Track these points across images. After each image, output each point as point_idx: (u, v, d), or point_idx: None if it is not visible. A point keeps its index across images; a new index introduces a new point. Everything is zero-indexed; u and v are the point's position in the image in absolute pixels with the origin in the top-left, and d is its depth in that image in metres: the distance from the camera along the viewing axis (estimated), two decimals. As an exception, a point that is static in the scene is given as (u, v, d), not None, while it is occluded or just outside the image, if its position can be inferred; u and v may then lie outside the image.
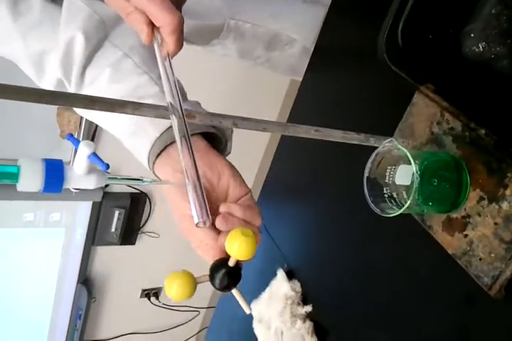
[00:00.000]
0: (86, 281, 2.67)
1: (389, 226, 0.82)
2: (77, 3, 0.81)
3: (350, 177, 0.91)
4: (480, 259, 0.64)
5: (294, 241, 1.08)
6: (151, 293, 2.91)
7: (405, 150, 0.63)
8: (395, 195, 0.68)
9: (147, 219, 2.61)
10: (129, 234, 2.57)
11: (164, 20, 0.61)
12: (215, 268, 0.63)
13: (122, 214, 2.44)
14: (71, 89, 0.83)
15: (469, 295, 0.67)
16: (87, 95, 0.53)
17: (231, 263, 0.61)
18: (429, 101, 0.73)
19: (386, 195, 0.68)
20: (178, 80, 0.71)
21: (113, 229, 2.47)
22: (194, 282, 0.63)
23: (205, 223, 0.54)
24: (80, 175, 0.47)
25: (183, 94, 0.80)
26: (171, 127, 0.70)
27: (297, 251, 1.06)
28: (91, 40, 0.80)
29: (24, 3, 0.81)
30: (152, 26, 0.63)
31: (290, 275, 1.05)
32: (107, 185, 2.38)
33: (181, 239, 2.69)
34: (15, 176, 0.42)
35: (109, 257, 2.68)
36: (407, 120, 0.77)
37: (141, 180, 0.53)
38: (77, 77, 0.81)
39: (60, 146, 2.20)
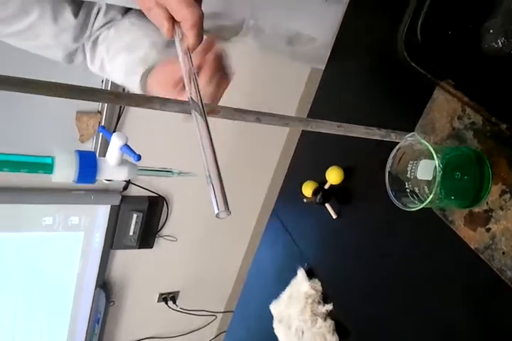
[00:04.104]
0: (104, 285, 2.68)
1: (410, 223, 0.82)
2: None
3: (370, 173, 0.91)
4: (503, 253, 0.65)
5: (313, 240, 1.08)
6: (169, 297, 2.92)
7: (428, 144, 0.63)
8: (416, 190, 0.68)
9: (165, 222, 2.62)
10: (146, 238, 2.58)
11: (184, 15, 0.63)
12: (315, 191, 0.97)
13: (140, 218, 2.45)
14: (87, 47, 0.99)
15: (492, 290, 0.67)
16: (113, 91, 0.54)
17: (326, 186, 0.96)
18: (449, 97, 0.73)
19: (408, 190, 0.68)
20: None
21: (131, 233, 2.49)
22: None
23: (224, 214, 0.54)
24: (112, 166, 0.48)
25: None
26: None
27: (317, 250, 1.06)
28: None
29: (62, 19, 0.92)
30: (173, 21, 0.66)
31: (310, 274, 1.05)
32: (125, 189, 2.40)
33: (199, 242, 2.73)
34: (49, 167, 0.43)
35: (127, 261, 2.69)
36: (427, 115, 0.77)
37: (171, 171, 0.54)
38: (93, 40, 0.98)
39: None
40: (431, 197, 0.63)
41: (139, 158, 0.47)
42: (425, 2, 0.80)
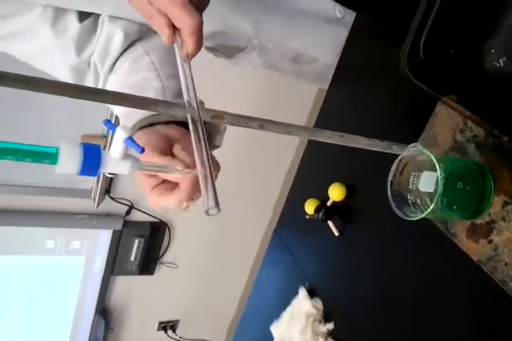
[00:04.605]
0: (104, 312, 2.66)
1: (413, 240, 0.82)
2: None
3: (373, 189, 0.91)
4: (506, 264, 0.64)
5: (315, 258, 1.07)
6: (168, 326, 2.88)
7: (430, 154, 0.63)
8: (418, 202, 0.68)
9: (166, 249, 2.61)
10: (147, 264, 2.57)
11: (184, 22, 0.65)
12: (317, 208, 0.97)
13: (142, 244, 2.45)
14: (102, 73, 0.96)
15: (495, 301, 0.67)
16: (119, 92, 0.55)
17: (329, 203, 0.97)
18: (451, 111, 0.74)
19: (410, 201, 0.68)
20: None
21: (132, 259, 2.48)
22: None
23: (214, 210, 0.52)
24: (115, 159, 0.49)
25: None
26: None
27: (319, 268, 1.06)
28: (128, 38, 0.93)
29: (62, 23, 0.91)
30: (173, 28, 0.67)
31: (312, 293, 1.04)
32: (128, 213, 2.40)
33: (200, 270, 2.71)
34: (54, 157, 0.44)
35: (127, 287, 2.67)
36: (430, 130, 0.78)
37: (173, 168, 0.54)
38: (108, 66, 0.94)
39: (82, 174, 2.23)
40: (432, 206, 0.63)
41: (143, 150, 0.48)
42: (427, 21, 0.82)
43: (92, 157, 0.46)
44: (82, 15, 0.92)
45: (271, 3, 0.97)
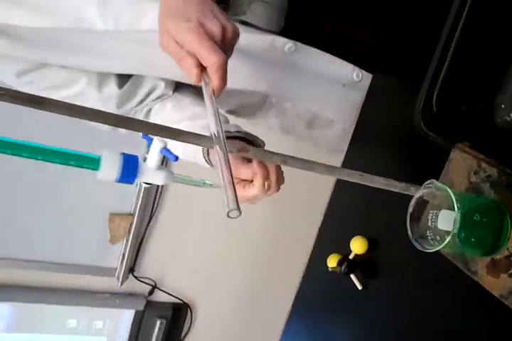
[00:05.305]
0: None
1: (439, 293, 0.83)
2: None
3: (394, 242, 0.93)
4: (527, 296, 0.65)
5: (338, 315, 1.07)
6: None
7: (446, 188, 0.66)
8: (438, 238, 0.70)
9: (188, 331, 2.56)
10: (169, 348, 2.51)
11: (211, 59, 0.73)
12: (340, 261, 0.99)
13: (164, 325, 2.41)
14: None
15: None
16: (158, 124, 0.60)
17: (351, 256, 0.98)
18: (465, 155, 0.78)
19: (429, 238, 0.71)
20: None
21: (153, 341, 2.43)
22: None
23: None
24: (151, 169, 0.53)
25: (226, 121, 1.05)
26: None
27: (343, 324, 1.05)
28: (166, 90, 1.06)
29: (106, 89, 1.03)
30: (201, 68, 0.75)
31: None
32: (150, 293, 2.39)
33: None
34: (96, 162, 0.48)
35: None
36: (445, 177, 0.81)
37: (203, 182, 0.58)
38: (145, 113, 1.08)
39: (107, 252, 2.27)
40: (449, 238, 0.65)
41: (177, 158, 0.52)
42: (439, 78, 0.88)
43: (130, 165, 0.50)
44: (120, 79, 1.01)
45: (288, 66, 1.05)
